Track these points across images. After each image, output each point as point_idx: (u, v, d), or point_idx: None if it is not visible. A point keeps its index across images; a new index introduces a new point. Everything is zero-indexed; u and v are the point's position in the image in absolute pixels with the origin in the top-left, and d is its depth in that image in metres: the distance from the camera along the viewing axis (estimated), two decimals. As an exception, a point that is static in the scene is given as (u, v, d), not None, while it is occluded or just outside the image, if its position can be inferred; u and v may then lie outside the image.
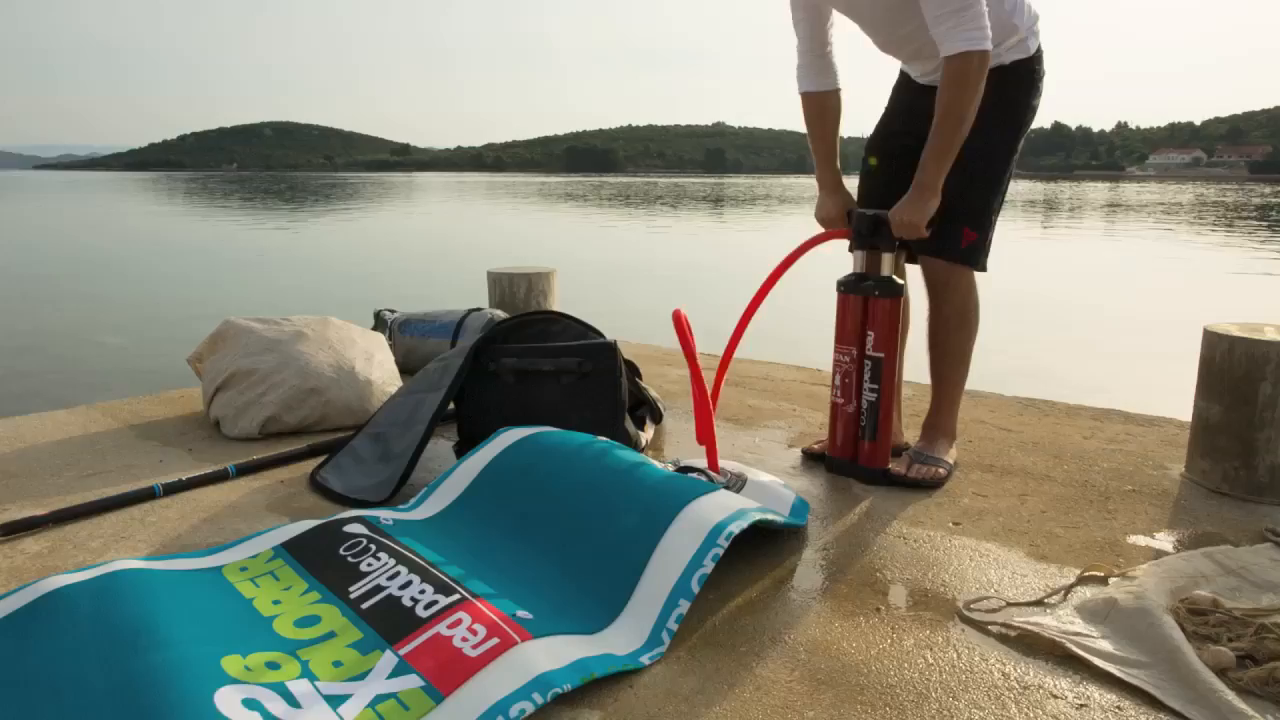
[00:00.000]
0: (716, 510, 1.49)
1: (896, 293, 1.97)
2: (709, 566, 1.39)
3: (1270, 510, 1.86)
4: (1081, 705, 1.20)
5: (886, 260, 1.98)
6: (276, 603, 1.40)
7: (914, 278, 2.11)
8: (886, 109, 2.19)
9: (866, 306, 1.99)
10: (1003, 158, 1.96)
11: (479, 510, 1.70)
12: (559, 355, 2.04)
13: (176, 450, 2.28)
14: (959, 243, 1.94)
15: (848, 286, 2.02)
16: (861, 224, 1.98)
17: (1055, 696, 1.22)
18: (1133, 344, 7.05)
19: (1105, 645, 1.33)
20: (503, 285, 3.21)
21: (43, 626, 1.29)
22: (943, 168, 1.85)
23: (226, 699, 1.10)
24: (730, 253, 16.13)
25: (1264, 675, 1.22)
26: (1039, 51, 1.98)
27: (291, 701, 1.13)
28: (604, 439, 1.81)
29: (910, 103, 2.10)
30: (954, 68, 1.77)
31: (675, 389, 2.89)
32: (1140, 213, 31.32)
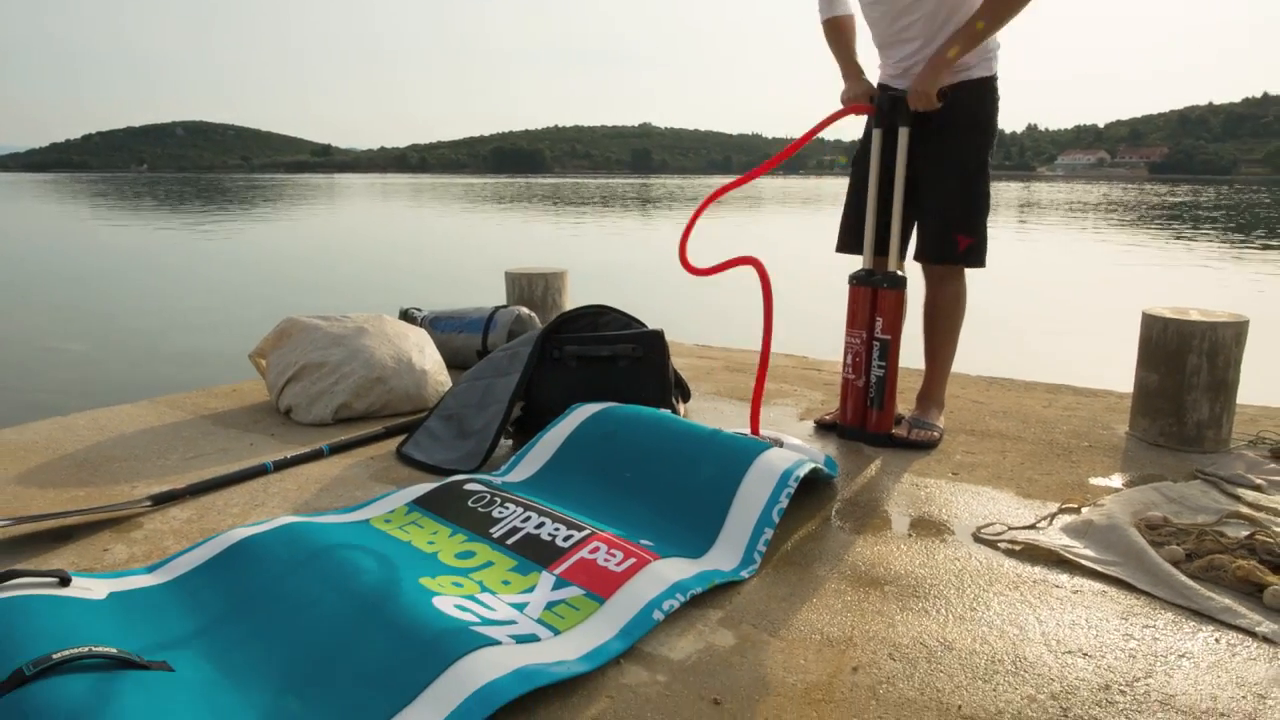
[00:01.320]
0: (781, 461, 1.85)
1: (901, 285, 2.36)
2: (784, 502, 1.75)
3: (1197, 457, 2.31)
4: (1076, 591, 1.59)
5: (893, 259, 2.37)
6: (430, 543, 1.70)
7: (912, 278, 2.51)
8: (868, 124, 2.52)
9: (875, 297, 2.38)
10: (982, 171, 2.36)
11: (571, 471, 2.02)
12: (615, 342, 2.38)
13: (259, 435, 2.54)
14: (956, 249, 2.33)
15: (859, 280, 2.40)
16: (883, 102, 2.34)
17: (1057, 586, 1.61)
18: (1064, 328, 7.71)
19: (1088, 552, 1.73)
20: (521, 285, 3.52)
21: (252, 563, 1.57)
22: (962, 51, 2.18)
23: (442, 604, 1.41)
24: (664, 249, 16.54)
25: (1204, 564, 1.64)
26: (997, 72, 2.37)
27: (486, 607, 1.44)
28: (665, 410, 2.15)
29: (868, 151, 2.46)
30: None
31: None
32: (1053, 211, 32.92)
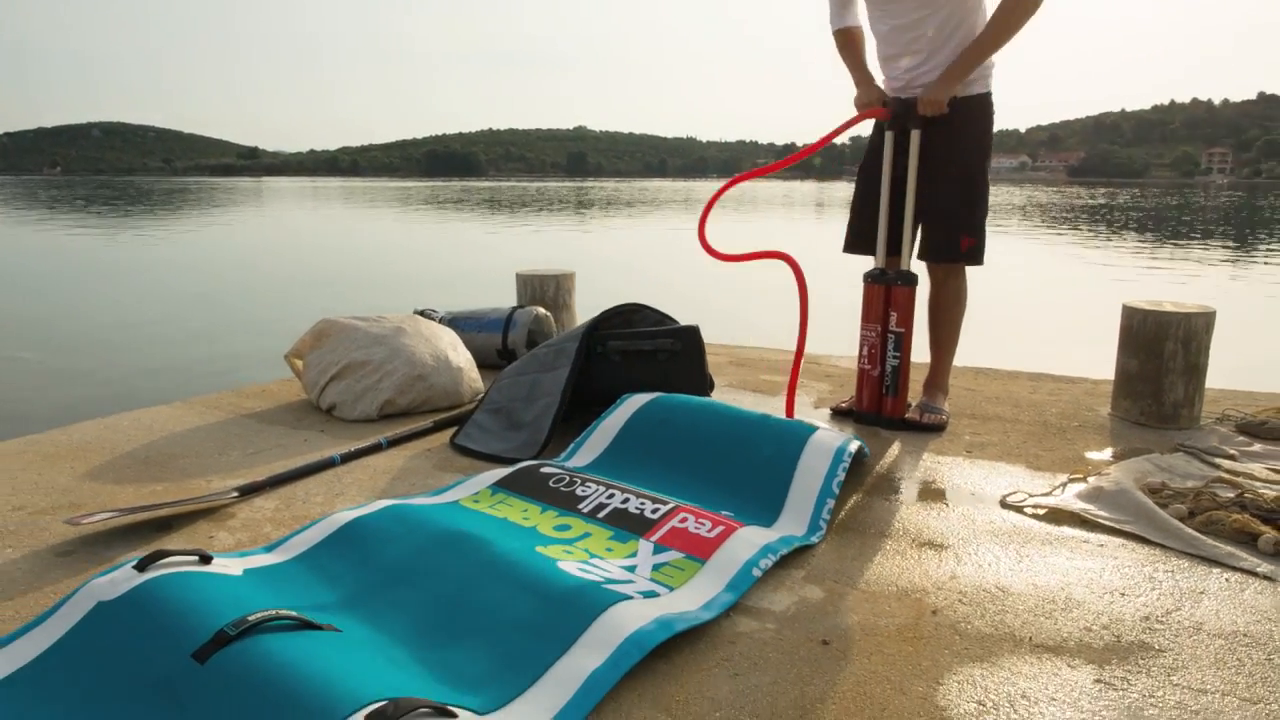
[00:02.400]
0: (833, 440, 2.06)
1: (912, 282, 2.59)
2: (842, 475, 1.95)
3: (1175, 433, 2.59)
4: (1101, 545, 1.83)
5: (905, 258, 2.60)
6: (525, 518, 1.85)
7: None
8: (873, 134, 2.75)
9: (889, 294, 2.60)
10: (982, 177, 2.60)
11: (633, 455, 2.19)
12: (655, 337, 2.56)
13: (309, 432, 2.64)
14: (959, 248, 2.57)
15: (874, 279, 2.63)
16: (897, 106, 2.57)
17: (1084, 542, 1.85)
18: (1022, 321, 8.15)
19: (1104, 513, 1.97)
20: (533, 285, 3.66)
21: (370, 539, 1.70)
22: (970, 68, 2.43)
23: (567, 567, 1.57)
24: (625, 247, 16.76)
25: (1205, 520, 1.89)
26: (992, 89, 2.61)
27: (603, 570, 1.60)
28: (710, 399, 2.33)
29: (878, 149, 2.69)
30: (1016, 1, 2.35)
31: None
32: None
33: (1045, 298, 10.45)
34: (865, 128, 2.75)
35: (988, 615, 1.54)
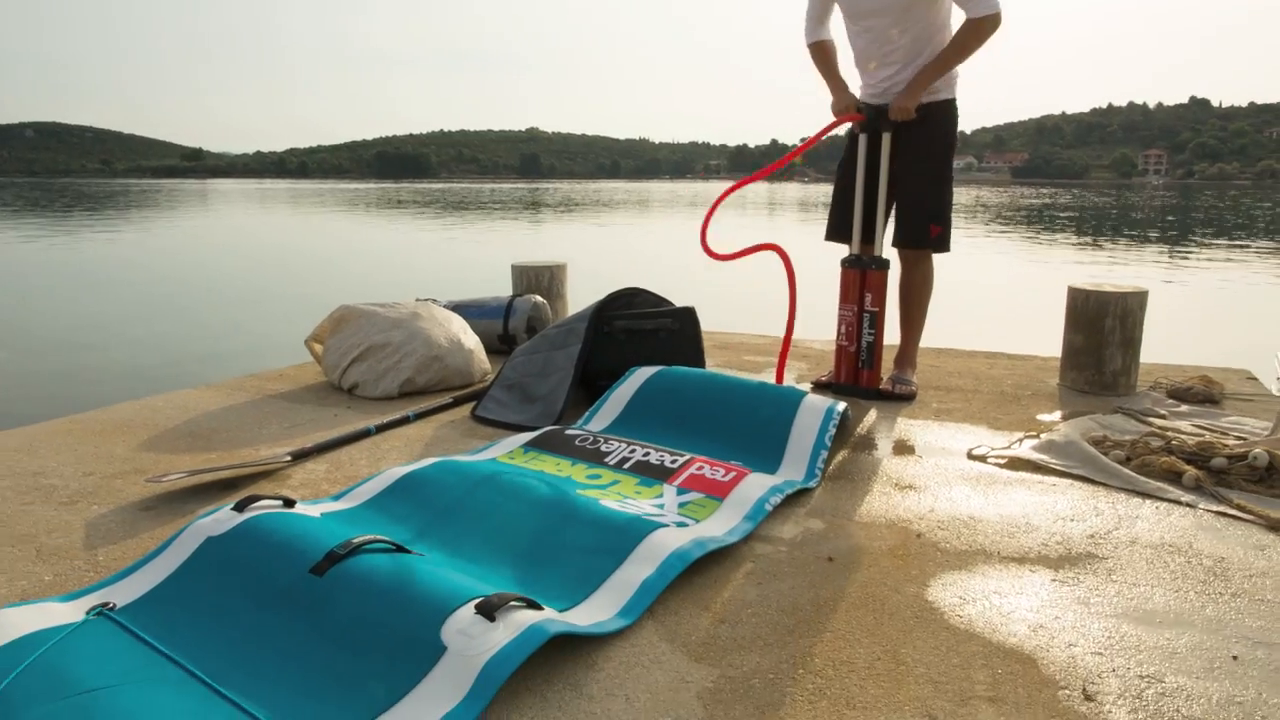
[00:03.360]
0: (821, 402, 2.35)
1: (886, 267, 2.89)
2: (833, 430, 2.25)
3: (1115, 398, 2.93)
4: (1054, 485, 2.14)
5: (879, 243, 2.91)
6: (560, 470, 2.10)
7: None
8: (843, 159, 3.05)
9: (864, 277, 2.90)
10: (948, 173, 2.92)
11: (645, 418, 2.45)
12: (657, 317, 2.83)
13: (336, 409, 2.85)
14: (928, 235, 2.88)
15: (850, 264, 2.92)
16: (869, 111, 2.87)
17: (1039, 482, 2.16)
18: (978, 308, 8.57)
19: (1055, 460, 2.29)
20: (529, 276, 3.90)
21: (428, 487, 1.93)
22: (934, 78, 2.73)
23: (608, 504, 1.83)
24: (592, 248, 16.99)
25: (1140, 463, 2.21)
26: (957, 95, 2.93)
27: (638, 507, 1.86)
28: (709, 369, 2.61)
29: (853, 155, 2.99)
30: (976, 23, 2.64)
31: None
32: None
33: (994, 287, 10.96)
34: (850, 129, 3.04)
35: (962, 537, 1.83)
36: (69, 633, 1.37)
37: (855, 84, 3.02)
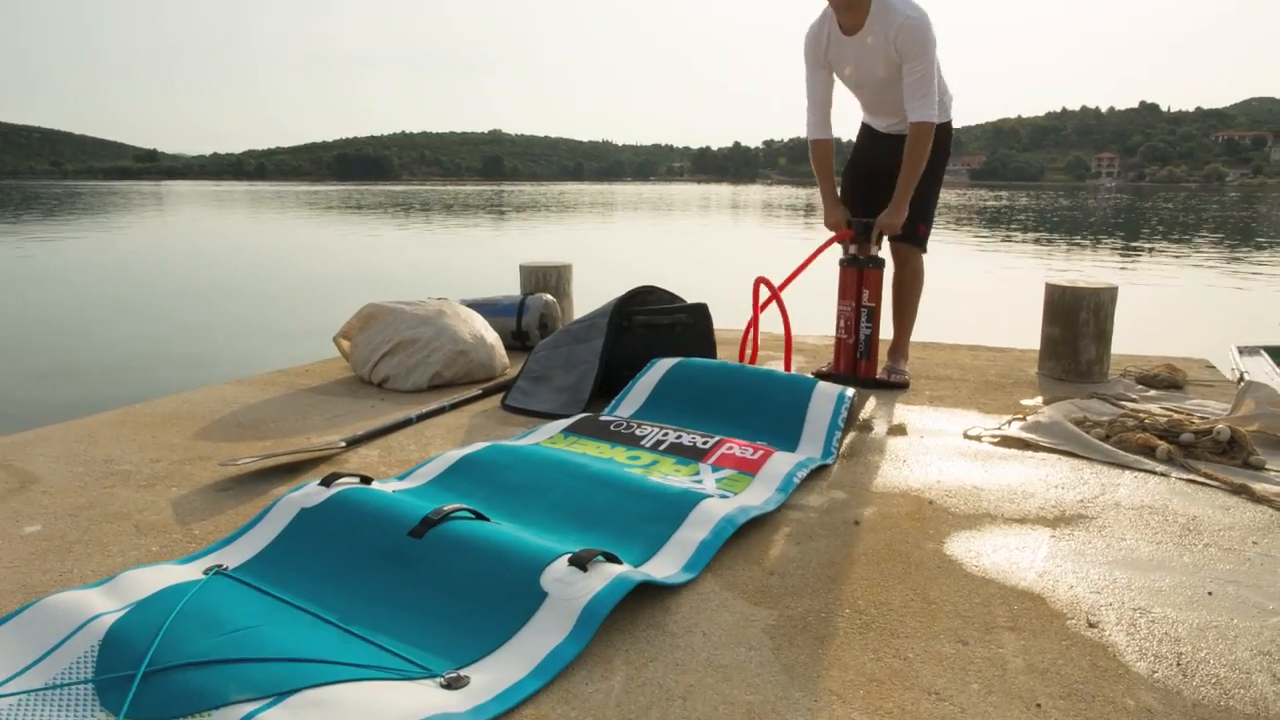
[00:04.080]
0: (833, 388, 2.57)
1: (881, 266, 3.13)
2: (845, 413, 2.47)
3: (1089, 384, 3.20)
4: (1044, 460, 2.39)
5: (874, 245, 3.15)
6: (601, 452, 2.30)
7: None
8: (854, 155, 3.33)
9: (862, 275, 3.14)
10: (937, 182, 3.18)
11: (669, 405, 2.66)
12: (672, 313, 3.04)
13: (372, 400, 3.02)
14: (917, 233, 3.14)
15: (849, 262, 3.16)
16: (858, 228, 3.12)
17: (1030, 458, 2.40)
18: (955, 305, 8.92)
19: (1042, 438, 2.54)
20: (537, 276, 4.09)
21: (486, 468, 2.12)
22: (908, 193, 3.01)
23: (655, 479, 2.03)
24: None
25: (1118, 439, 2.47)
26: (951, 119, 3.20)
27: (679, 482, 2.07)
28: (724, 360, 2.83)
29: (870, 145, 3.27)
30: (918, 131, 2.94)
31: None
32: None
33: (968, 285, 11.33)
34: (851, 129, 3.29)
35: (969, 503, 2.07)
36: (200, 587, 1.54)
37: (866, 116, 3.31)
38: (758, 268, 3.08)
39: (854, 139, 3.39)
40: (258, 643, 1.35)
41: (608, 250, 17.79)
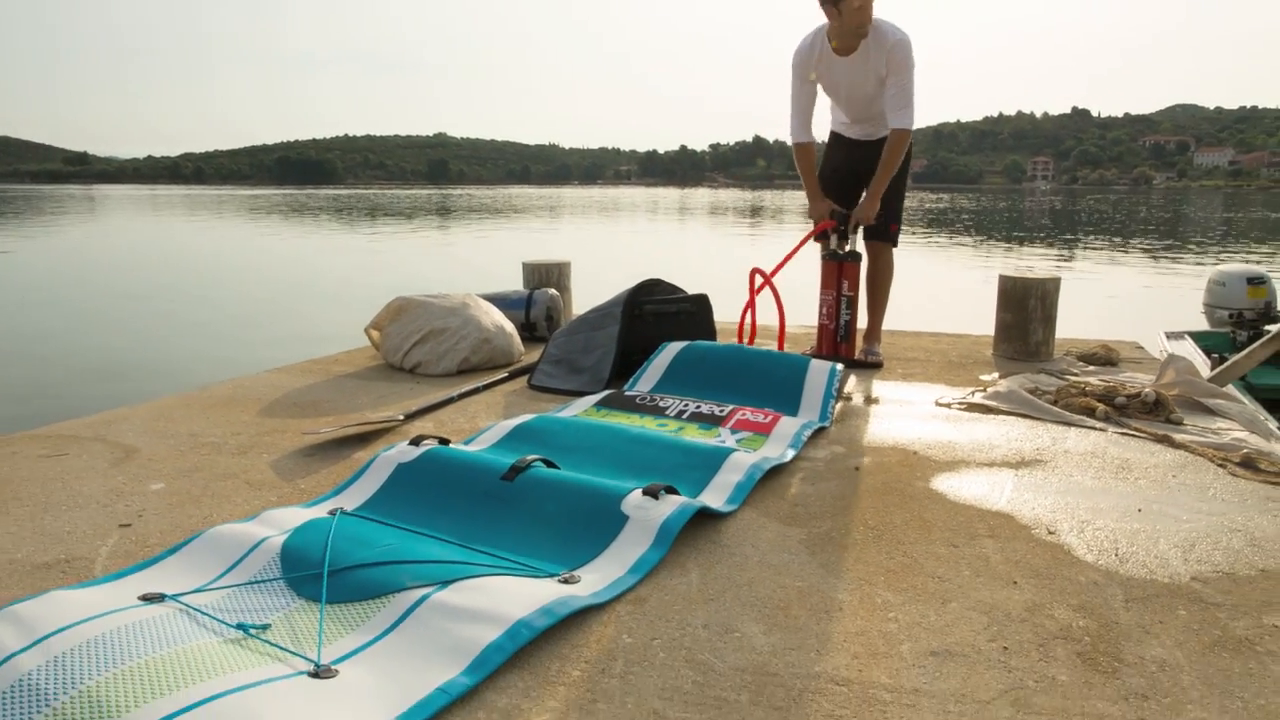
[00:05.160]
0: (825, 364, 2.98)
1: (858, 260, 3.56)
2: (836, 384, 2.88)
3: (1038, 362, 3.67)
4: (1004, 420, 2.83)
5: (852, 239, 3.57)
6: (631, 421, 2.67)
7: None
8: (828, 155, 3.75)
9: (841, 268, 3.56)
10: (904, 185, 3.62)
11: (682, 382, 3.04)
12: (678, 303, 3.42)
13: (407, 384, 3.35)
14: (889, 231, 3.57)
15: (830, 256, 3.58)
16: (839, 218, 3.55)
17: (993, 419, 2.84)
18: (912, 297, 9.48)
19: (1002, 405, 2.98)
20: (540, 273, 4.44)
21: (540, 433, 2.47)
22: (883, 189, 3.45)
23: (686, 439, 2.41)
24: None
25: (1065, 404, 2.93)
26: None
27: (707, 442, 2.45)
28: (727, 343, 3.22)
29: (843, 153, 3.69)
30: (897, 136, 3.37)
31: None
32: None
33: (926, 281, 11.95)
34: (831, 136, 3.71)
35: (947, 453, 2.49)
36: (339, 518, 1.88)
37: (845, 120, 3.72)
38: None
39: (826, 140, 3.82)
40: (408, 552, 1.69)
41: (593, 251, 18.10)
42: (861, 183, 3.61)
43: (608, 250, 18.63)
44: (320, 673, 1.33)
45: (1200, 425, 2.74)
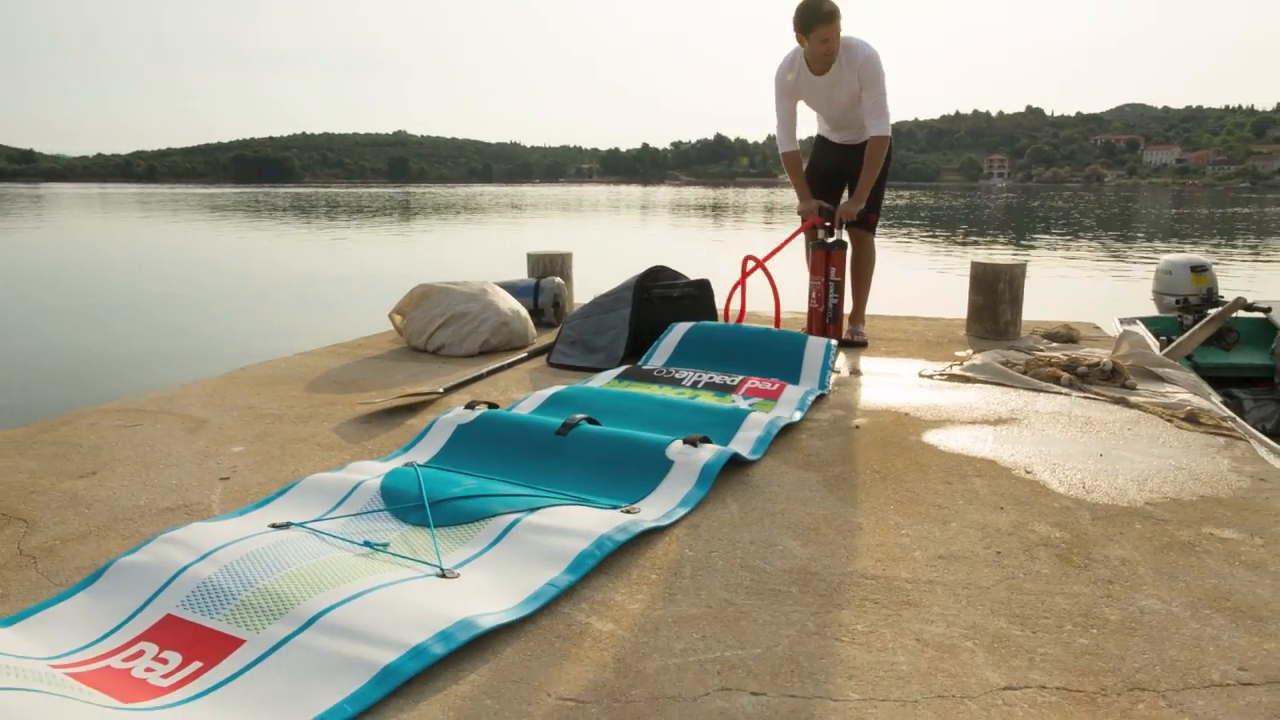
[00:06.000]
0: (820, 340, 3.31)
1: (844, 248, 3.90)
2: (834, 358, 3.21)
3: (1007, 340, 4.04)
4: (981, 388, 3.18)
5: (839, 232, 3.91)
6: (652, 391, 2.97)
7: (841, 241, 4.05)
8: (813, 160, 4.09)
9: (829, 255, 3.89)
10: (884, 182, 3.96)
11: (692, 358, 3.34)
12: (682, 287, 3.73)
13: (433, 364, 3.61)
14: (870, 222, 3.92)
15: (818, 245, 3.91)
16: (825, 214, 3.88)
17: (971, 387, 3.19)
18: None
19: (978, 375, 3.33)
20: (544, 263, 4.72)
21: (573, 400, 2.76)
22: (868, 189, 3.79)
23: (710, 404, 2.71)
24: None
25: (1034, 373, 3.29)
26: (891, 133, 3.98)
27: (725, 407, 2.75)
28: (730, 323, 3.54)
29: (828, 155, 4.03)
30: (876, 142, 3.71)
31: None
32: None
33: (897, 271, 12.40)
34: (817, 134, 4.04)
35: (934, 414, 2.83)
36: (419, 467, 2.15)
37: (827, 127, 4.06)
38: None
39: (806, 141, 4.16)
40: (490, 490, 1.98)
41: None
42: (843, 180, 3.94)
43: (594, 244, 18.92)
44: (446, 574, 1.61)
45: (1151, 389, 3.11)
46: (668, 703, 1.27)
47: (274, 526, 1.80)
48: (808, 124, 4.01)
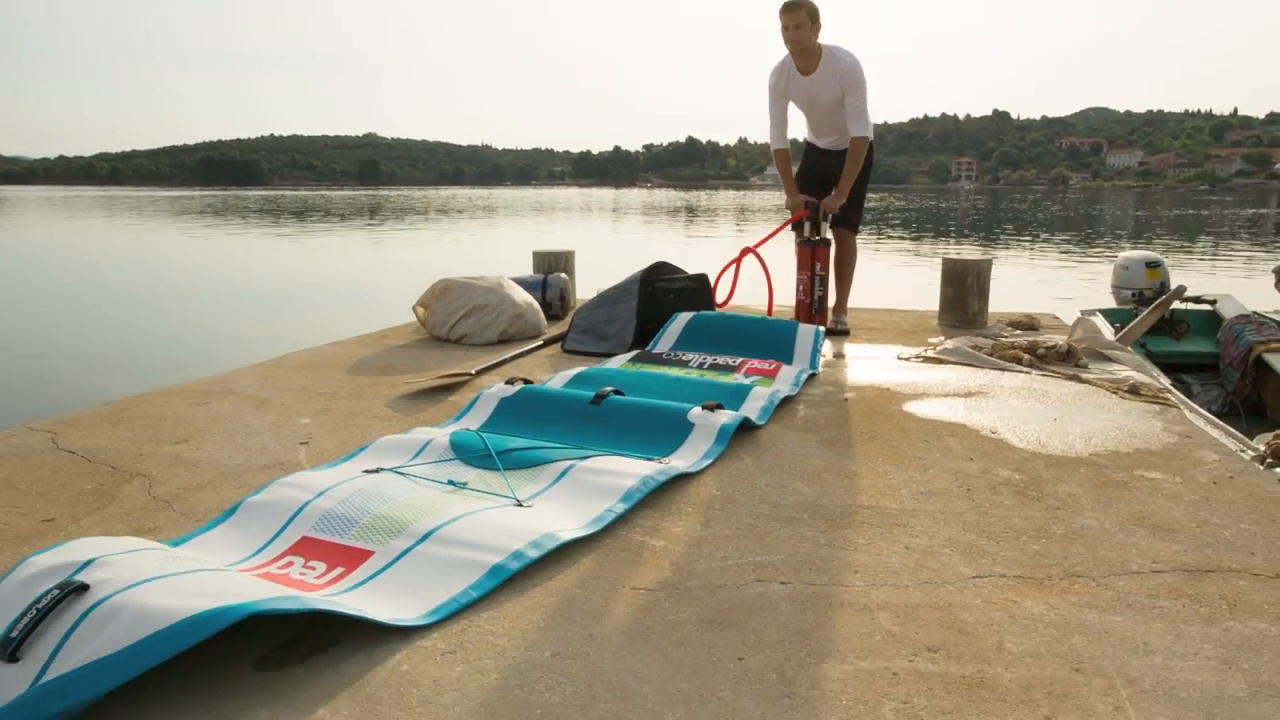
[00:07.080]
0: (810, 326, 3.70)
1: (828, 245, 4.29)
2: (821, 341, 3.60)
3: (975, 329, 4.45)
4: (954, 368, 3.59)
5: (823, 229, 4.31)
6: (663, 371, 3.34)
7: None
8: (802, 165, 4.48)
9: (814, 251, 4.29)
10: (866, 183, 4.36)
11: (695, 343, 3.72)
12: (683, 280, 4.10)
13: (458, 351, 3.95)
14: (850, 220, 4.32)
15: (804, 241, 4.30)
16: (811, 207, 4.28)
17: (944, 367, 3.59)
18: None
19: (951, 357, 3.74)
20: (549, 260, 5.07)
21: (599, 377, 3.12)
22: (849, 184, 4.18)
23: (717, 380, 3.09)
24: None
25: (999, 356, 3.70)
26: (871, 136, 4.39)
27: (730, 384, 3.13)
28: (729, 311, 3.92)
29: (815, 159, 4.42)
30: (856, 144, 4.11)
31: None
32: (763, 215, 37.65)
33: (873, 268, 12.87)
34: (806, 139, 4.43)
35: (912, 389, 3.22)
36: (477, 430, 2.50)
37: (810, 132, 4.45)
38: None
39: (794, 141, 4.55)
40: (536, 451, 2.33)
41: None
42: (830, 182, 4.34)
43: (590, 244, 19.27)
44: (522, 504, 1.97)
45: (1101, 368, 3.54)
46: (717, 589, 1.64)
47: (367, 472, 2.14)
48: (798, 128, 4.41)
